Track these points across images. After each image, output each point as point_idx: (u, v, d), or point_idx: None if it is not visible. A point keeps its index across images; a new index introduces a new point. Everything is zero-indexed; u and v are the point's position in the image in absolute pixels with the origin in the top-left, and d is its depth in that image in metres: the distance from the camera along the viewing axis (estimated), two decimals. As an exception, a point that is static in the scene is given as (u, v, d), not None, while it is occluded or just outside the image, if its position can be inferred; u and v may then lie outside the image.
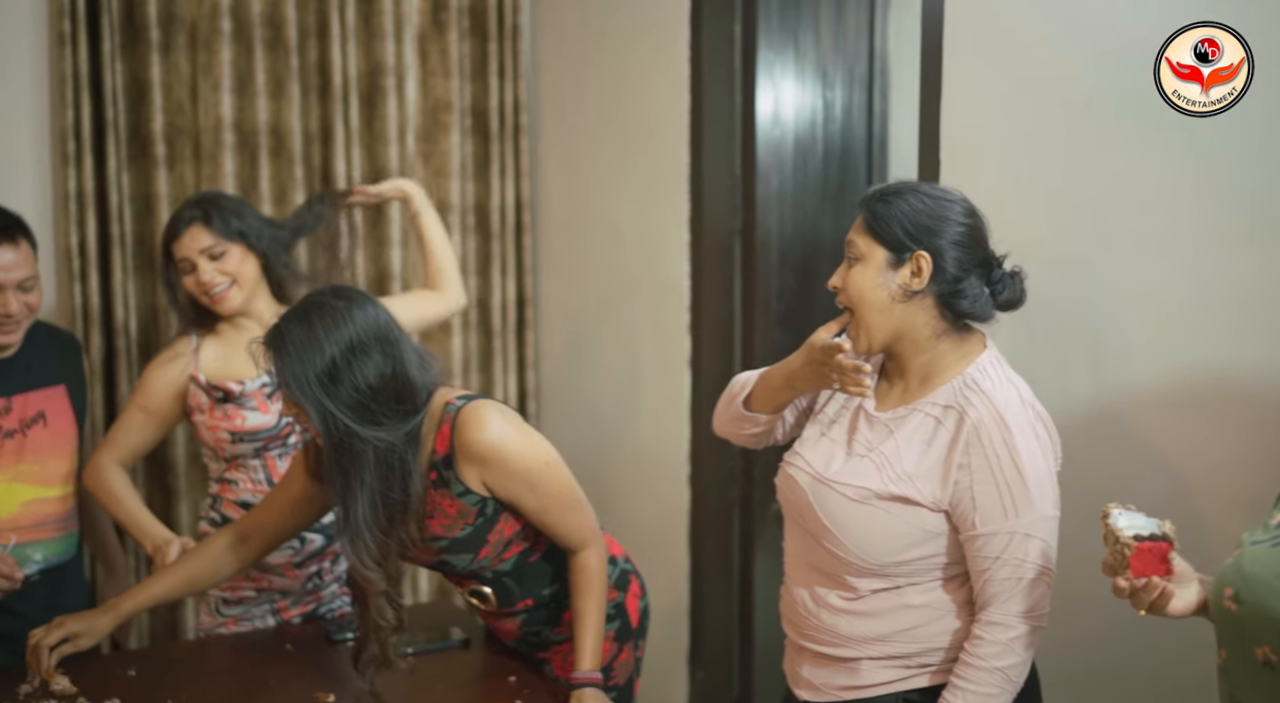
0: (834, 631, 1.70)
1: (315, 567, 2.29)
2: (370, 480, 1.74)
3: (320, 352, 1.70)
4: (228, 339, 2.28)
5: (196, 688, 1.89)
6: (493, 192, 3.39)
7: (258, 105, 3.06)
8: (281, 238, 2.30)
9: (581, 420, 3.32)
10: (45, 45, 2.87)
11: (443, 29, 3.31)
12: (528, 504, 1.84)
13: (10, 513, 2.12)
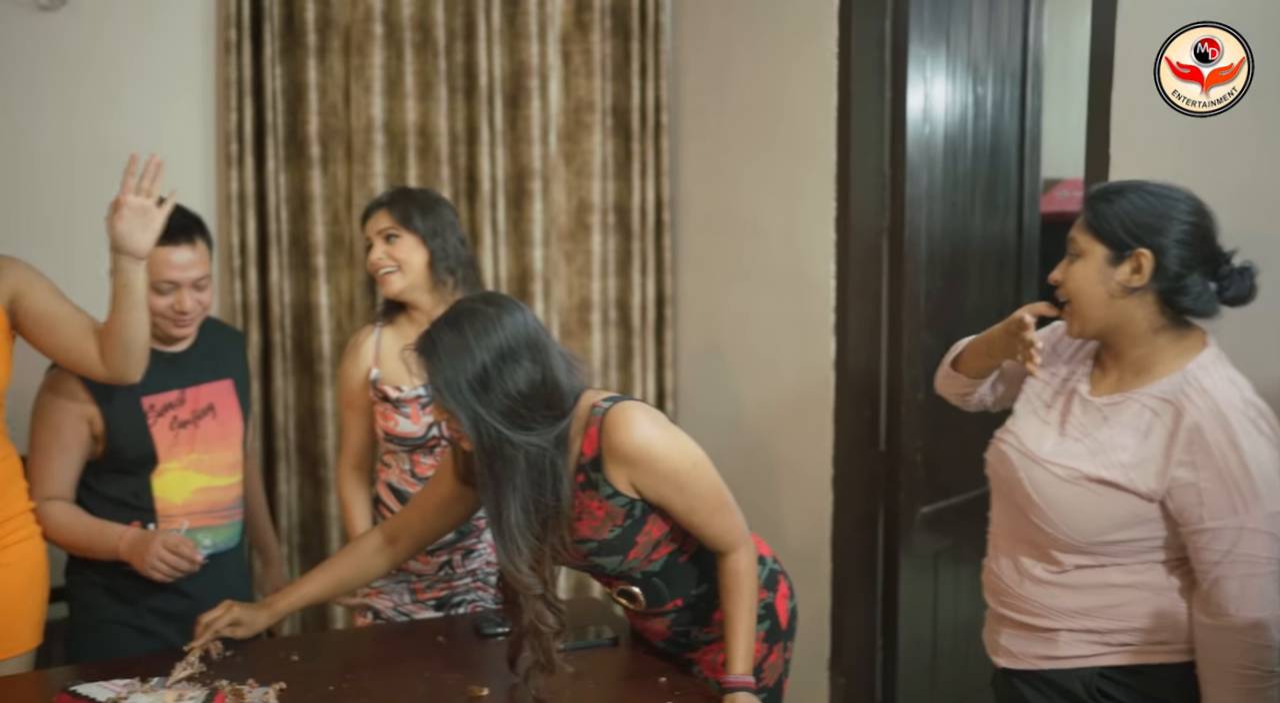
0: (1035, 601, 1.76)
1: (446, 557, 2.34)
2: (522, 486, 1.75)
3: (471, 358, 1.71)
4: (404, 336, 2.33)
5: (354, 676, 1.93)
6: (633, 191, 3.40)
7: (406, 107, 3.13)
8: (460, 253, 2.33)
9: (720, 421, 3.30)
10: (212, 52, 2.99)
11: (586, 29, 3.33)
12: (675, 505, 1.83)
13: (184, 499, 2.21)
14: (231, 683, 1.81)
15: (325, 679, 1.90)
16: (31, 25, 2.79)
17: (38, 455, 2.14)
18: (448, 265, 2.30)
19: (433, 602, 2.35)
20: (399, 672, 1.97)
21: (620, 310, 3.46)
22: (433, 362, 1.73)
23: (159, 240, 2.12)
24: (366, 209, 2.38)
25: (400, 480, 2.33)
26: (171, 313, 2.15)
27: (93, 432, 2.15)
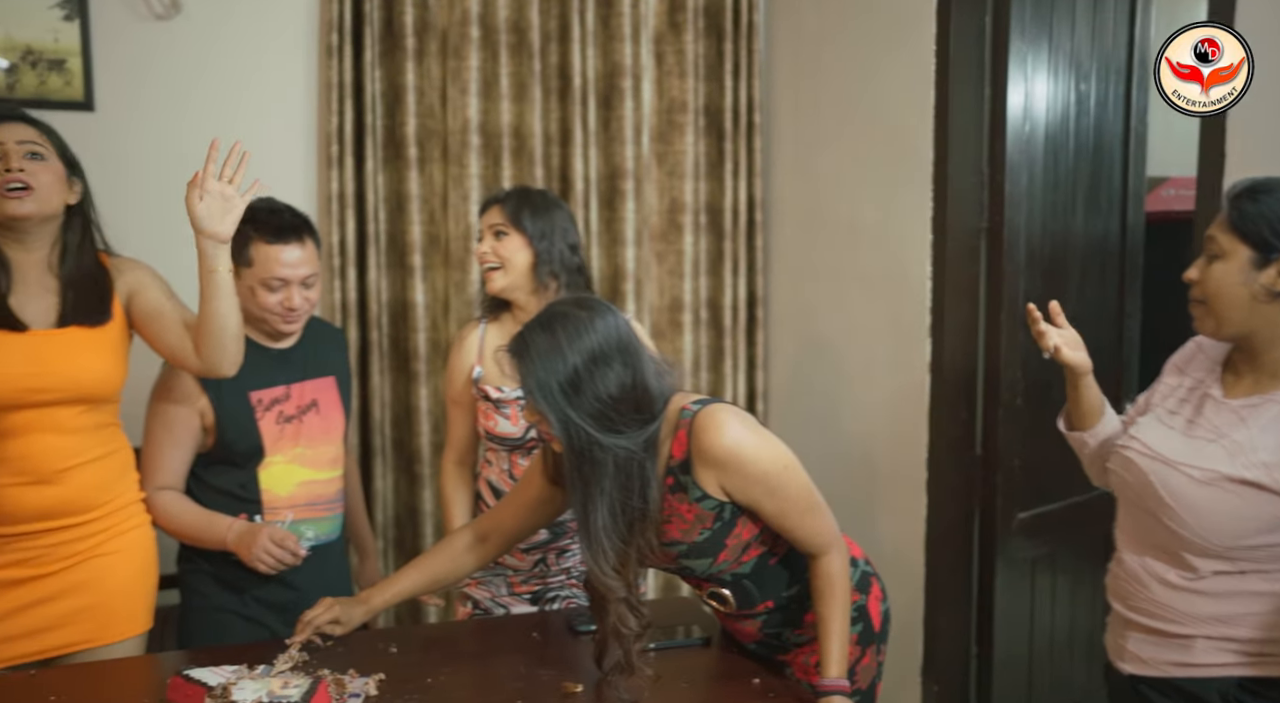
0: (1169, 606, 1.71)
1: (540, 556, 2.36)
2: (610, 489, 1.75)
3: (563, 361, 1.72)
4: (508, 334, 2.36)
5: (451, 668, 1.96)
6: (725, 191, 3.40)
7: (501, 108, 3.17)
8: (568, 258, 2.33)
9: (812, 423, 3.28)
10: (315, 56, 3.07)
11: (679, 30, 3.33)
12: (766, 508, 1.82)
13: (288, 492, 2.27)
14: (333, 673, 1.85)
15: (423, 671, 1.93)
16: (148, 34, 2.90)
17: (151, 447, 2.22)
18: (551, 269, 2.30)
19: (528, 595, 2.38)
20: (494, 666, 2.00)
21: (711, 310, 3.46)
22: (525, 363, 1.74)
23: (269, 238, 2.18)
24: (484, 203, 2.41)
25: (499, 480, 2.36)
26: (280, 310, 2.21)
27: (204, 424, 2.22)
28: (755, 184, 3.43)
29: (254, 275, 2.20)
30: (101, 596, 2.07)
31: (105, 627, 2.07)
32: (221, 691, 1.69)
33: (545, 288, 2.31)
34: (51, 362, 1.98)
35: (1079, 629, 3.01)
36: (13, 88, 2.78)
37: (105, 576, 2.07)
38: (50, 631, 2.03)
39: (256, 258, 2.20)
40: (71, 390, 2.00)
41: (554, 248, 2.30)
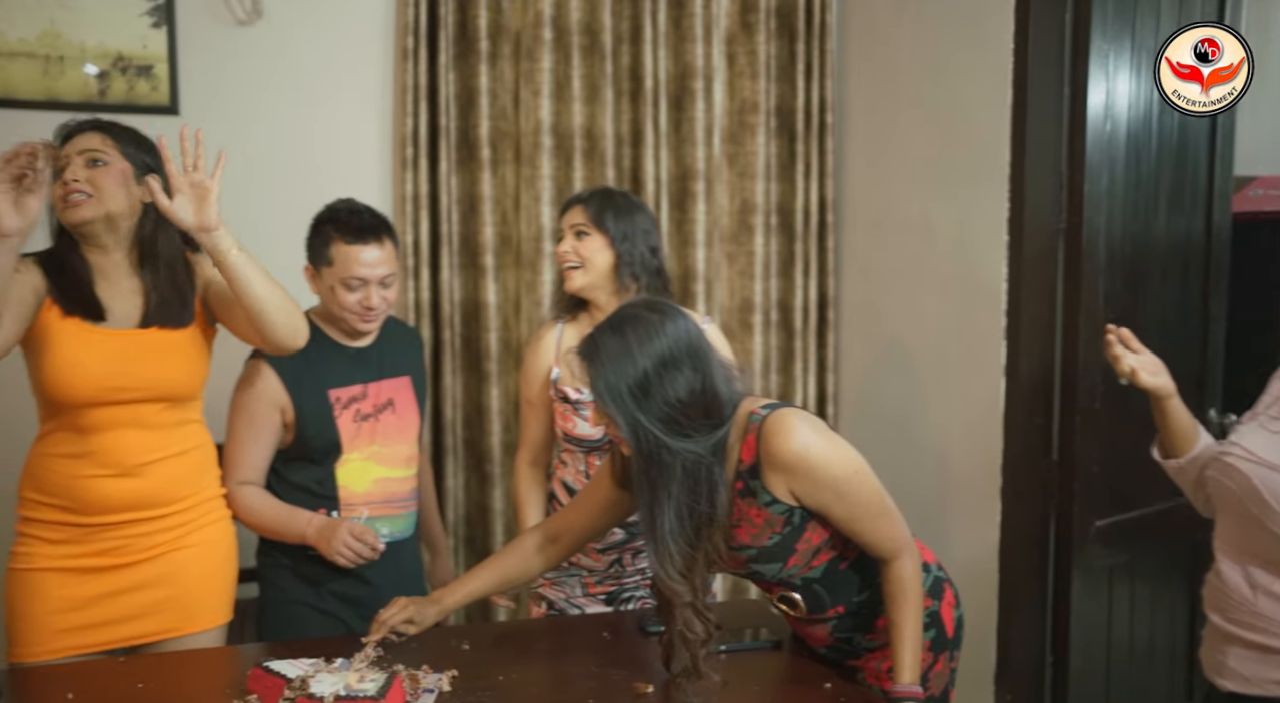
0: (1274, 620, 1.68)
1: (616, 556, 2.36)
2: (677, 492, 1.75)
3: (633, 364, 1.72)
4: (585, 333, 2.37)
5: (523, 666, 1.98)
6: (797, 192, 3.38)
7: (573, 109, 3.19)
8: (648, 261, 2.34)
9: (883, 426, 3.25)
10: (391, 60, 3.11)
11: (751, 30, 3.32)
12: (836, 512, 1.81)
13: (364, 489, 2.31)
14: (408, 668, 1.87)
15: (495, 669, 1.95)
16: (230, 39, 2.97)
17: (234, 442, 2.27)
18: (633, 271, 2.31)
19: (603, 596, 2.39)
20: (565, 664, 2.01)
21: (782, 312, 3.44)
22: (594, 366, 1.75)
23: (349, 239, 2.22)
24: (566, 203, 2.42)
25: (575, 480, 2.37)
26: (359, 309, 2.25)
27: (284, 420, 2.27)
28: (827, 185, 3.41)
29: (334, 275, 2.24)
30: (182, 587, 2.12)
31: (186, 618, 2.13)
32: (300, 683, 1.73)
33: (626, 290, 2.32)
34: (134, 362, 2.03)
35: (1160, 641, 2.94)
36: (103, 93, 2.86)
37: (186, 568, 2.13)
38: (133, 619, 2.08)
39: (336, 258, 2.23)
40: (153, 390, 2.06)
41: (636, 250, 2.31)
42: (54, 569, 2.05)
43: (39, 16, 2.80)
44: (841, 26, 3.42)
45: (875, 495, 1.82)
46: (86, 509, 2.03)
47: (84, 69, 2.85)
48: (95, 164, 2.04)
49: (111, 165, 2.05)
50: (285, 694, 1.72)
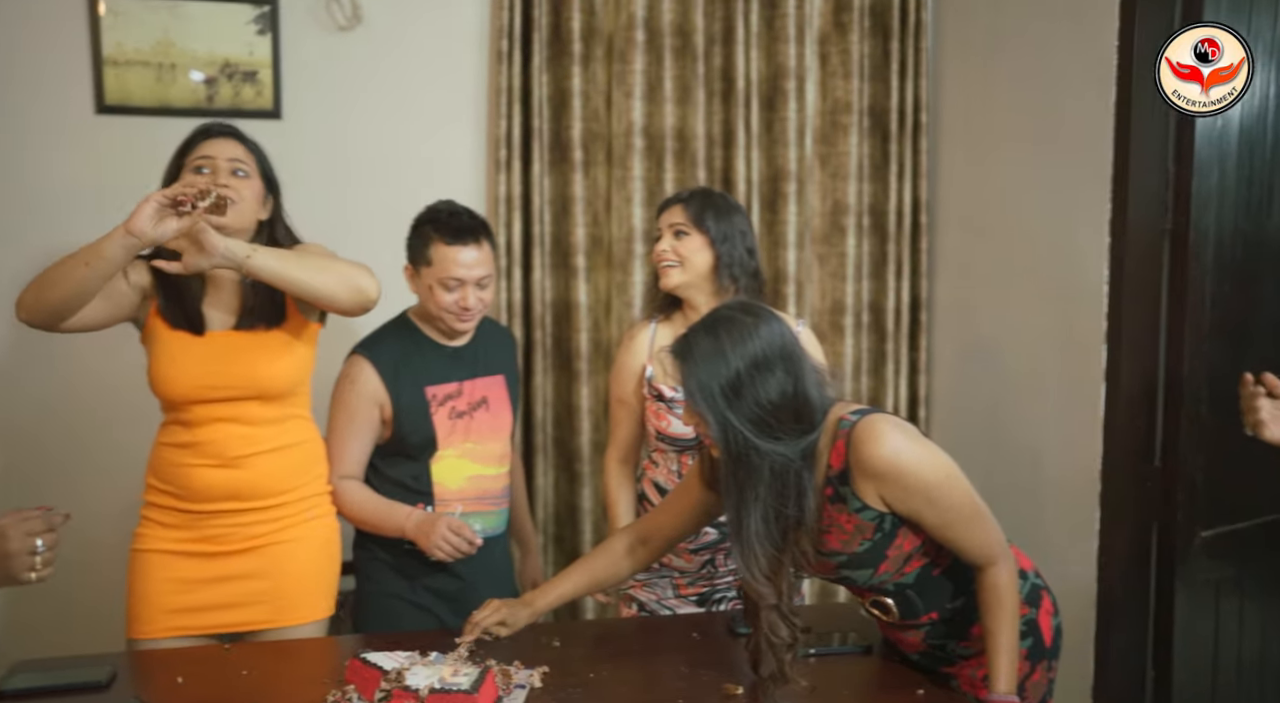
0: None
1: (709, 556, 2.36)
2: (765, 495, 1.75)
3: (725, 364, 1.73)
4: (679, 334, 2.37)
5: (612, 664, 1.99)
6: (890, 192, 3.34)
7: (665, 111, 3.19)
8: (746, 262, 2.34)
9: (975, 430, 3.19)
10: (485, 62, 3.16)
11: (844, 30, 3.29)
12: (928, 519, 1.78)
13: (458, 485, 2.35)
14: (500, 664, 1.90)
15: (585, 666, 1.96)
16: (331, 44, 3.04)
17: (334, 437, 2.32)
18: (731, 272, 2.31)
19: (694, 597, 2.39)
20: (655, 664, 2.01)
21: (873, 314, 3.40)
22: (687, 365, 1.76)
23: (448, 239, 2.26)
24: (663, 203, 2.42)
25: (666, 480, 2.37)
26: (455, 309, 2.28)
27: (383, 416, 2.31)
28: (920, 185, 3.36)
29: (432, 274, 2.28)
30: (280, 580, 2.18)
31: (282, 610, 2.18)
32: (396, 675, 1.76)
33: (724, 291, 2.32)
34: (228, 362, 2.11)
35: (1271, 659, 2.83)
36: (211, 99, 2.95)
37: (284, 561, 2.18)
38: (234, 607, 2.16)
39: (435, 258, 2.27)
40: (246, 388, 2.13)
41: (735, 251, 2.32)
42: (165, 552, 2.15)
43: (154, 27, 2.90)
44: (937, 24, 3.37)
45: (968, 502, 1.79)
46: (192, 497, 2.13)
47: (190, 76, 2.94)
48: (240, 175, 2.13)
49: (251, 180, 2.15)
50: (381, 686, 1.76)
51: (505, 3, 3.04)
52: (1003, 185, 3.09)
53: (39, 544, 1.40)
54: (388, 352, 2.32)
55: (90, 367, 2.85)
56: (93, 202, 2.83)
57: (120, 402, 2.68)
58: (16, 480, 2.94)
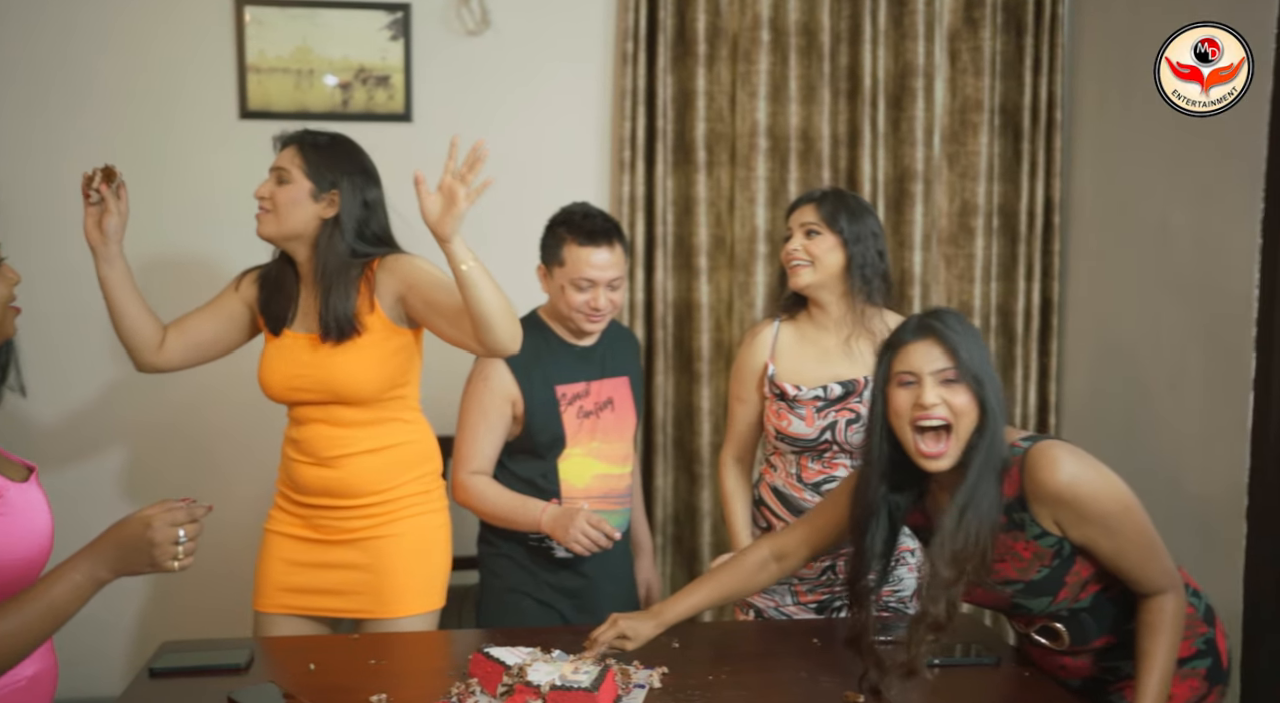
0: None
1: (829, 562, 2.33)
2: (993, 483, 1.72)
3: (981, 351, 1.76)
4: (804, 334, 2.36)
5: (731, 667, 1.98)
6: (1021, 192, 3.25)
7: (789, 111, 3.17)
8: (877, 264, 2.31)
9: (1108, 438, 3.07)
10: (611, 64, 3.18)
11: (975, 26, 3.21)
12: (1103, 547, 1.73)
13: (584, 483, 2.37)
14: (619, 663, 1.91)
15: (704, 668, 1.96)
16: (460, 48, 3.11)
17: (466, 432, 2.36)
18: (864, 274, 2.29)
19: (813, 605, 2.36)
20: (775, 669, 1.99)
21: (1002, 317, 3.31)
22: (951, 333, 1.76)
23: (581, 241, 2.29)
24: (795, 202, 2.40)
25: (786, 484, 2.35)
26: (586, 309, 2.31)
27: (514, 413, 2.35)
28: (1054, 185, 3.26)
29: (565, 275, 2.31)
30: (381, 573, 2.23)
31: (384, 602, 2.24)
32: (518, 670, 1.78)
33: (854, 293, 2.29)
34: (308, 367, 2.18)
35: None
36: (346, 103, 3.05)
37: (384, 555, 2.24)
38: (336, 594, 2.24)
39: (568, 259, 2.30)
40: (327, 393, 2.19)
41: (867, 253, 2.29)
42: (284, 534, 2.28)
43: (293, 34, 3.01)
44: (1073, 20, 3.26)
45: (1144, 531, 1.74)
46: (298, 489, 2.25)
47: (324, 80, 3.04)
48: (280, 182, 2.18)
49: (293, 184, 2.17)
50: (504, 681, 1.79)
51: (631, 5, 3.06)
52: (1143, 185, 2.97)
53: (181, 534, 1.46)
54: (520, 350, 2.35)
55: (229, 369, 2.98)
56: (233, 203, 2.94)
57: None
58: (168, 471, 3.09)
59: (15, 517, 1.48)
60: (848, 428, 2.27)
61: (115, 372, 3.04)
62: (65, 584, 1.41)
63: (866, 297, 2.29)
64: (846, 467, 2.30)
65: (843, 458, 2.30)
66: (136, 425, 3.08)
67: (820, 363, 2.31)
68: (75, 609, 1.43)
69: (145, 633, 3.13)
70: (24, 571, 1.51)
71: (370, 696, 1.80)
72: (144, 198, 3.00)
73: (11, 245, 1.87)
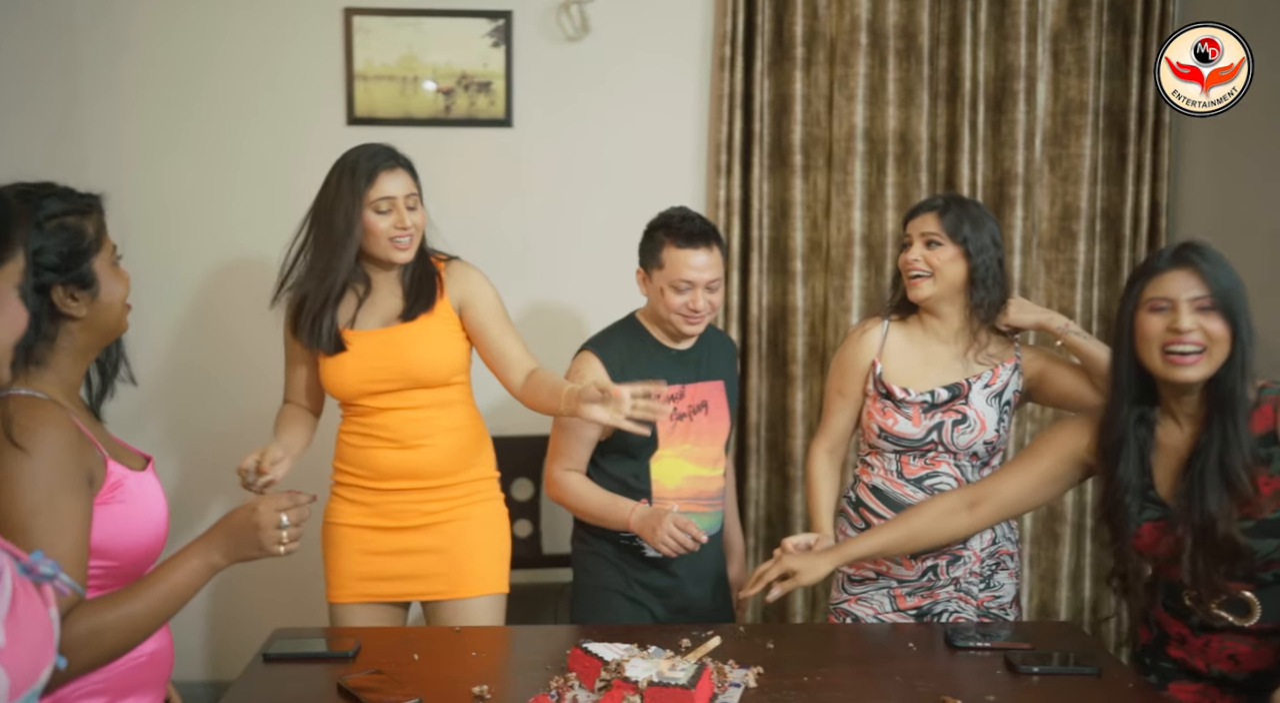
0: None
1: (931, 562, 2.31)
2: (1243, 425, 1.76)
3: (1235, 278, 1.83)
4: (914, 338, 2.35)
5: (827, 669, 1.98)
6: (1126, 195, 3.19)
7: (887, 114, 3.15)
8: (997, 274, 2.27)
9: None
10: (708, 69, 3.21)
11: (1080, 26, 3.16)
12: None
13: (675, 484, 2.40)
14: (715, 661, 1.93)
15: (799, 669, 1.96)
16: (560, 54, 3.17)
17: (562, 433, 2.41)
18: (986, 284, 2.25)
19: (912, 611, 2.34)
20: (869, 672, 1.99)
21: (1105, 323, 3.25)
22: (1209, 265, 1.81)
23: (680, 243, 2.32)
24: (914, 209, 2.36)
25: (885, 481, 2.34)
26: (685, 311, 2.33)
27: None
28: (1160, 188, 3.18)
29: (664, 277, 2.34)
30: (454, 555, 2.34)
31: (457, 584, 2.34)
32: (616, 666, 1.82)
33: (974, 304, 2.26)
34: (382, 357, 2.28)
35: None
36: (448, 109, 3.13)
37: (457, 538, 2.35)
38: (412, 579, 2.34)
39: (667, 261, 2.33)
40: (404, 378, 2.29)
41: (989, 264, 2.26)
42: (354, 526, 2.36)
43: (399, 43, 3.10)
44: (1183, 15, 3.17)
45: None
46: (375, 477, 2.33)
47: (423, 86, 3.12)
48: (413, 210, 2.27)
49: (420, 209, 2.30)
50: (602, 676, 1.82)
51: (729, 10, 3.08)
52: (1257, 187, 2.88)
53: (285, 520, 1.54)
54: (616, 350, 2.39)
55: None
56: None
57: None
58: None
59: (134, 505, 1.56)
60: (954, 429, 2.26)
61: (219, 365, 3.16)
62: (184, 570, 1.50)
63: (986, 309, 2.27)
64: (950, 464, 2.28)
65: (946, 457, 2.29)
66: (247, 417, 3.19)
67: (928, 366, 2.31)
68: (192, 593, 1.51)
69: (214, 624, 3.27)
70: (143, 556, 1.60)
71: (473, 687, 1.85)
72: (251, 200, 3.14)
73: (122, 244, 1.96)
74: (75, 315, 1.54)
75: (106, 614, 1.42)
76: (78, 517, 1.42)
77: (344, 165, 2.27)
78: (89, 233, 1.55)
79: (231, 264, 3.17)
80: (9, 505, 1.37)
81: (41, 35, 3.04)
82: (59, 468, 1.40)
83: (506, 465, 3.14)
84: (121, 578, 1.55)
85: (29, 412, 1.42)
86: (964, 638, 2.09)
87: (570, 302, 3.23)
